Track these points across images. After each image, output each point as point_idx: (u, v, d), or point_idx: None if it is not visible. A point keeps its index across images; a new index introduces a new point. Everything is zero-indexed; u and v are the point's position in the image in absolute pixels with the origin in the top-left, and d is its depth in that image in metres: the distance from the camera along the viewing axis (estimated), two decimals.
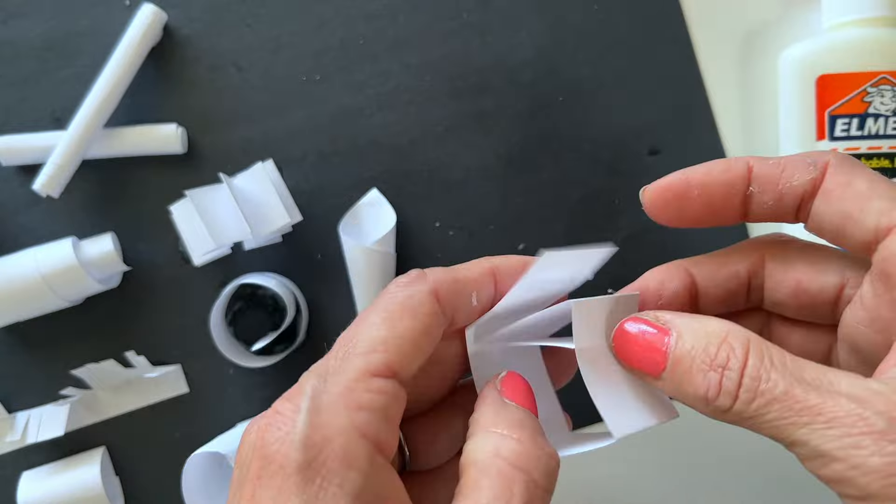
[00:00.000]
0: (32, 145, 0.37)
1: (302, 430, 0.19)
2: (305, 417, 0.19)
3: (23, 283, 0.35)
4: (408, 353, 0.21)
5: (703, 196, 0.24)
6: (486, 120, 0.38)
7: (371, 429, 0.20)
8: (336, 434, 0.19)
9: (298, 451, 0.19)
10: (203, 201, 0.35)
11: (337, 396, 0.20)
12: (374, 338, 0.21)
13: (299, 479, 0.19)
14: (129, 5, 0.38)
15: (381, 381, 0.20)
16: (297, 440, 0.19)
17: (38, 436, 0.36)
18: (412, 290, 0.22)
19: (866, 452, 0.18)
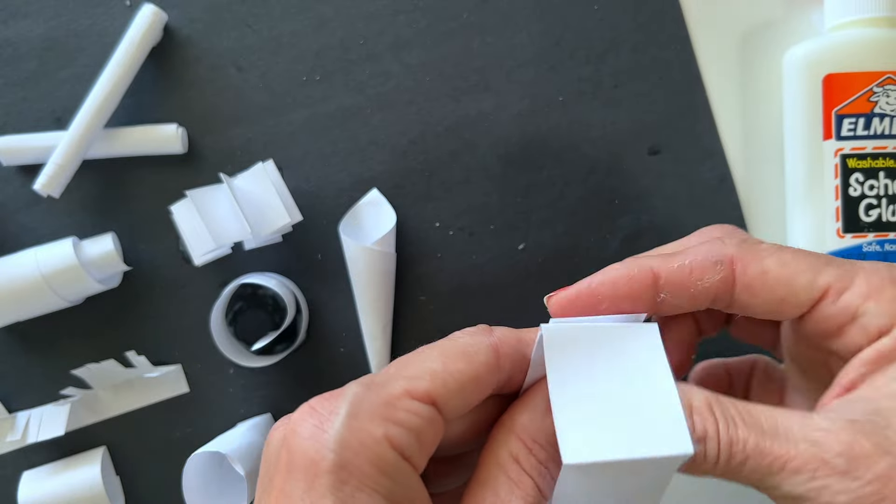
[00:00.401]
0: (33, 145, 0.37)
1: (339, 430, 0.19)
2: (344, 419, 0.20)
3: (23, 282, 0.35)
4: (452, 390, 0.22)
5: (611, 308, 0.24)
6: (486, 120, 0.38)
7: (403, 444, 0.20)
8: (372, 441, 0.20)
9: (334, 451, 0.19)
10: (203, 201, 0.35)
11: (376, 406, 0.20)
12: (424, 367, 0.22)
13: (333, 478, 0.19)
14: (130, 6, 0.38)
15: (419, 405, 0.21)
16: (334, 440, 0.19)
17: (39, 435, 0.36)
18: (474, 339, 0.23)
19: (833, 491, 0.20)
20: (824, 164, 0.35)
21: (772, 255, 0.23)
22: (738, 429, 0.21)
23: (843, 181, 0.35)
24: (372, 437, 0.20)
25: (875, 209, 0.35)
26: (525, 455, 0.22)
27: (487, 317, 0.38)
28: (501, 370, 0.23)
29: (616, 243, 0.38)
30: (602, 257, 0.38)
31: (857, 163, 0.35)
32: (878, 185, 0.35)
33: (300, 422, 0.20)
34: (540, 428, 0.22)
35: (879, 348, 0.22)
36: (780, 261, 0.23)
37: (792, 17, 0.37)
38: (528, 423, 0.22)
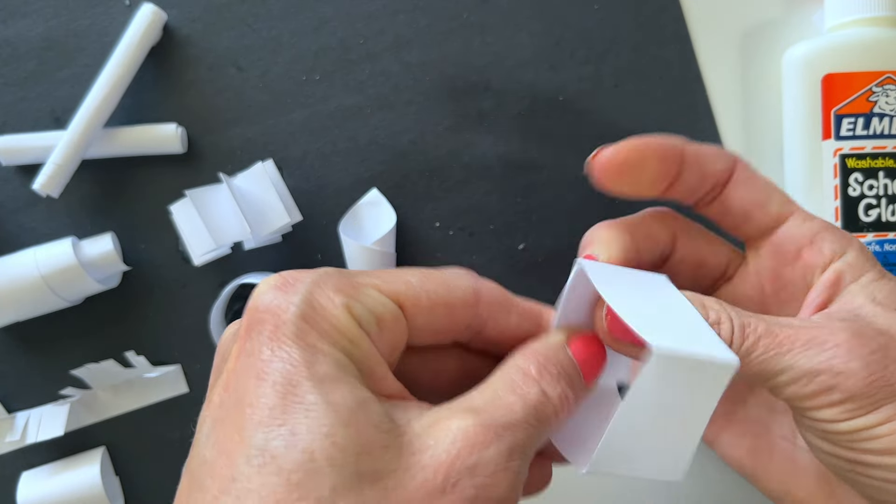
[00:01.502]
0: (32, 145, 0.37)
1: (302, 292, 0.20)
2: (308, 285, 0.20)
3: (22, 282, 0.35)
4: (422, 306, 0.22)
5: (653, 166, 0.26)
6: (486, 119, 0.38)
7: (363, 317, 0.20)
8: (332, 306, 0.20)
9: (297, 304, 0.19)
10: (203, 201, 0.35)
11: (341, 283, 0.21)
12: (400, 276, 0.22)
13: (296, 327, 0.19)
14: (129, 5, 0.38)
15: (385, 298, 0.21)
16: (298, 299, 0.20)
17: (38, 436, 0.36)
18: (458, 274, 0.24)
19: (845, 359, 0.22)
20: (823, 164, 0.35)
21: (762, 175, 0.27)
22: (748, 317, 0.23)
23: (843, 181, 0.35)
24: (332, 302, 0.20)
25: (874, 209, 0.35)
26: (537, 368, 0.22)
27: None
28: (477, 315, 0.24)
29: None
30: None
31: (856, 163, 0.35)
32: (877, 185, 0.35)
33: (263, 290, 0.20)
34: (553, 357, 0.22)
35: (837, 269, 0.25)
36: (766, 180, 0.27)
37: (792, 17, 0.37)
38: (541, 350, 0.22)
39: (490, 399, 0.21)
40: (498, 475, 0.19)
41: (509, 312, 0.25)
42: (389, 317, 0.21)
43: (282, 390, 0.19)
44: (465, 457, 0.19)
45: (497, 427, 0.20)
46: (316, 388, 0.18)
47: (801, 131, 0.35)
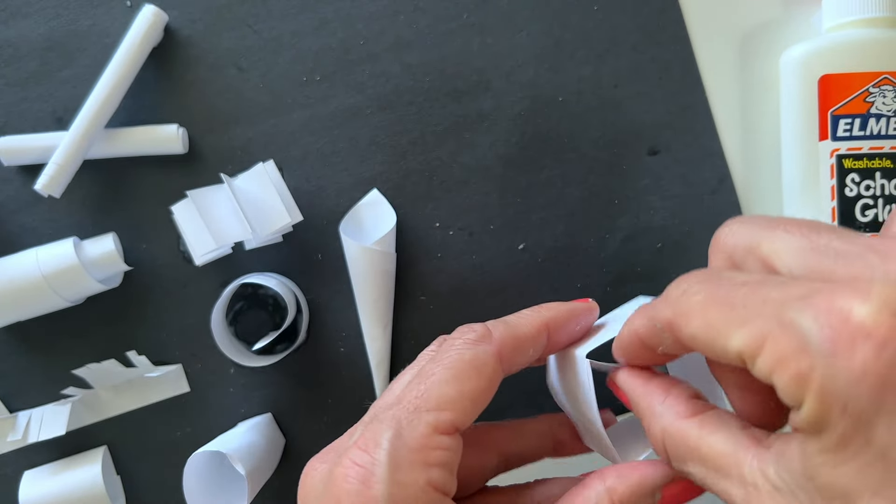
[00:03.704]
0: (34, 145, 0.37)
1: (386, 485, 0.21)
2: (387, 473, 0.21)
3: (24, 282, 0.35)
4: (469, 411, 0.23)
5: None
6: (485, 120, 0.38)
7: (441, 482, 0.22)
8: (418, 491, 0.21)
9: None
10: (204, 201, 0.35)
11: (413, 453, 0.22)
12: (443, 395, 0.23)
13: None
14: (131, 6, 0.38)
15: (448, 439, 0.23)
16: (382, 495, 0.21)
17: (40, 435, 0.36)
18: (479, 349, 0.25)
19: None
20: (820, 164, 0.35)
21: (698, 313, 0.20)
22: (686, 465, 0.22)
23: (839, 182, 0.35)
24: (417, 486, 0.21)
25: (871, 209, 0.35)
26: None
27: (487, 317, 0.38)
28: (504, 371, 0.25)
29: (616, 243, 0.38)
30: (601, 257, 0.38)
31: (853, 163, 0.35)
32: (874, 186, 0.35)
33: (345, 476, 0.22)
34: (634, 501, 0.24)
35: (795, 420, 0.18)
36: (705, 321, 0.20)
37: (791, 18, 0.38)
38: (626, 496, 0.23)
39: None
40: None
41: (526, 352, 0.26)
42: (457, 457, 0.23)
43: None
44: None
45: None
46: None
47: (797, 132, 0.36)
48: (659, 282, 0.38)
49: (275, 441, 0.37)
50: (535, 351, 0.26)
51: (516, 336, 0.26)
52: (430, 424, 0.23)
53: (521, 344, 0.26)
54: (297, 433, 0.39)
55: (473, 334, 0.25)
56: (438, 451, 0.22)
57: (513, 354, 0.25)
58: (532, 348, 0.26)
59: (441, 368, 0.24)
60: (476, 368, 0.24)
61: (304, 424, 0.39)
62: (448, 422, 0.23)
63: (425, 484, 0.22)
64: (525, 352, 0.26)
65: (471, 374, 0.24)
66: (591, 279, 0.38)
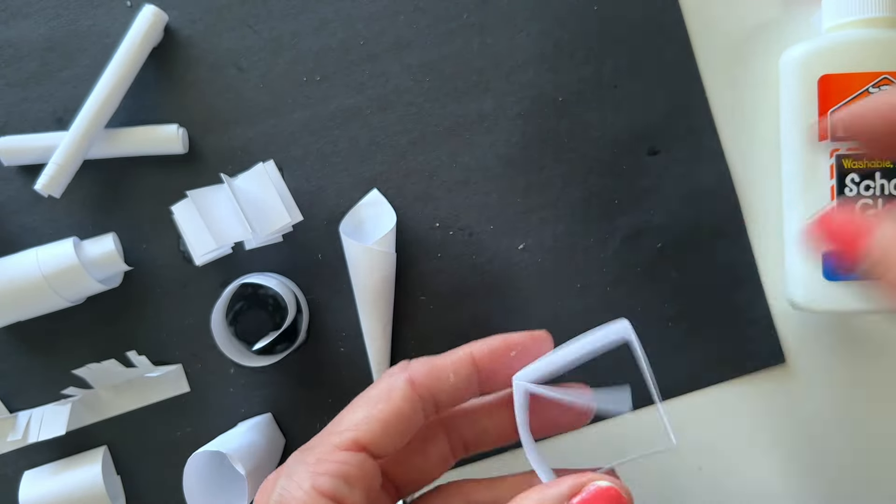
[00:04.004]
0: (34, 145, 0.37)
1: (278, 491, 0.25)
2: (282, 483, 0.25)
3: (24, 282, 0.35)
4: (378, 431, 0.26)
5: None
6: (485, 120, 0.38)
7: (329, 489, 0.24)
8: (300, 493, 0.24)
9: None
10: (204, 201, 0.35)
11: (308, 465, 0.25)
12: (351, 419, 0.26)
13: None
14: (131, 6, 0.38)
15: (348, 454, 0.25)
16: (273, 500, 0.25)
17: (40, 435, 0.37)
18: (392, 378, 0.27)
19: None
20: (820, 164, 0.35)
21: None
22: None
23: (839, 182, 0.35)
24: (301, 489, 0.24)
25: (871, 210, 0.35)
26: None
27: (487, 317, 0.38)
28: (422, 398, 0.27)
29: (616, 243, 0.38)
30: (601, 257, 0.38)
31: (852, 163, 0.35)
32: (874, 186, 0.35)
33: (261, 490, 0.26)
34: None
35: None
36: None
37: (791, 18, 0.38)
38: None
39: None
40: None
41: (446, 378, 0.28)
42: (358, 470, 0.25)
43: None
44: None
45: None
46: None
47: (797, 132, 0.36)
48: (659, 282, 0.38)
49: (275, 441, 0.38)
50: (459, 378, 0.28)
51: (433, 364, 0.28)
52: (331, 444, 0.26)
53: (438, 371, 0.28)
54: (297, 433, 0.39)
55: (395, 368, 0.28)
56: (332, 463, 0.25)
57: (430, 381, 0.27)
58: (452, 374, 0.28)
59: (358, 399, 0.27)
60: (384, 393, 0.27)
61: (304, 424, 0.39)
62: (349, 439, 0.25)
63: (309, 488, 0.24)
64: (444, 378, 0.28)
65: (379, 399, 0.26)
66: (590, 279, 0.38)
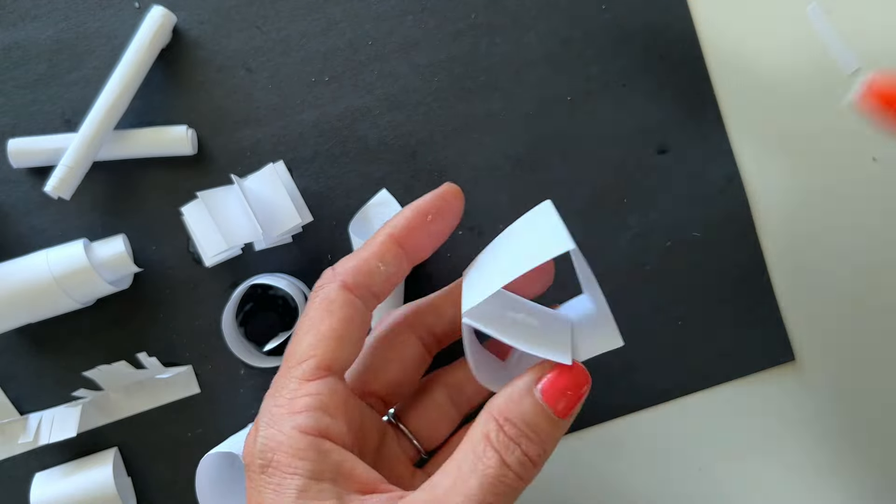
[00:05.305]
0: (43, 147, 0.37)
1: (260, 441, 0.24)
2: (263, 430, 0.24)
3: (35, 284, 0.35)
4: (335, 348, 0.25)
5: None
6: (494, 120, 0.38)
7: (311, 425, 0.24)
8: (283, 437, 0.24)
9: (258, 456, 0.24)
10: (214, 203, 0.35)
11: (282, 408, 0.25)
12: (304, 346, 0.25)
13: (263, 475, 0.24)
14: (139, 7, 0.38)
15: (314, 384, 0.25)
16: (257, 450, 0.24)
17: (51, 437, 0.37)
18: (324, 290, 0.26)
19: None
20: None
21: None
22: None
23: None
24: (284, 433, 0.24)
25: None
26: (495, 432, 0.24)
27: None
28: (363, 298, 0.26)
29: (624, 242, 0.38)
30: (610, 256, 0.38)
31: None
32: None
33: (245, 442, 0.25)
34: (514, 409, 0.24)
35: None
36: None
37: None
38: (502, 404, 0.24)
39: (451, 484, 0.23)
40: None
41: (376, 270, 0.27)
42: (331, 396, 0.25)
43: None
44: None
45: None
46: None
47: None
48: (668, 280, 0.38)
49: None
50: (388, 264, 0.27)
51: (359, 260, 0.27)
52: (296, 378, 0.25)
53: (366, 265, 0.27)
54: None
55: (320, 280, 0.27)
56: (303, 398, 0.24)
57: (362, 278, 0.26)
58: (381, 263, 0.27)
59: (300, 324, 0.26)
60: (325, 309, 0.26)
61: None
62: (311, 368, 0.25)
63: (290, 429, 0.24)
64: (375, 270, 0.27)
65: (322, 317, 0.25)
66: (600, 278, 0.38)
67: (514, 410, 0.24)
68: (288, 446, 0.24)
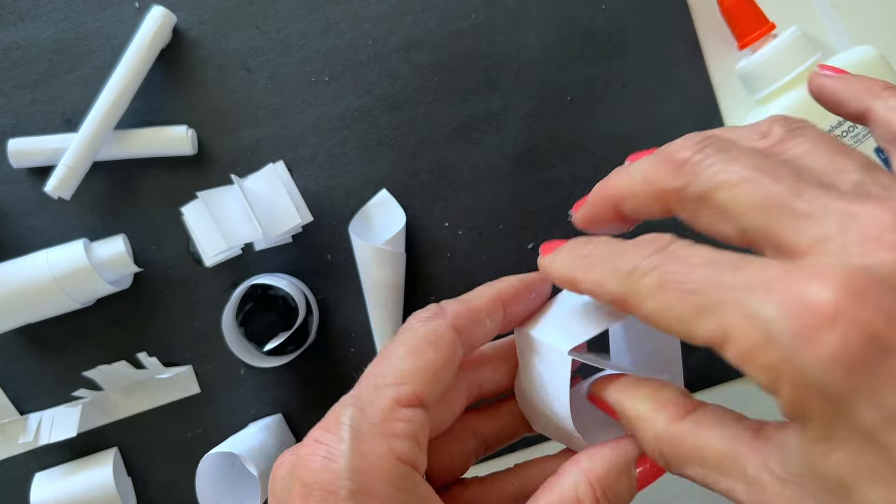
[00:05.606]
0: (43, 147, 0.37)
1: (349, 458, 0.21)
2: (349, 446, 0.21)
3: (35, 284, 0.35)
4: (431, 382, 0.23)
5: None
6: (494, 119, 0.38)
7: (407, 453, 0.22)
8: (381, 461, 0.21)
9: (347, 478, 0.21)
10: (214, 202, 0.35)
11: (375, 426, 0.22)
12: (401, 370, 0.23)
13: (350, 502, 0.20)
14: (139, 7, 0.38)
15: (411, 411, 0.22)
16: (345, 468, 0.21)
17: (51, 437, 0.37)
18: (434, 324, 0.25)
19: None
20: None
21: (653, 296, 0.20)
22: (686, 469, 0.21)
23: None
24: (380, 457, 0.21)
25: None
26: (590, 500, 0.23)
27: None
28: (464, 344, 0.25)
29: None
30: None
31: None
32: None
33: (309, 455, 0.22)
34: (613, 484, 0.23)
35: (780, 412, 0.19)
36: (661, 304, 0.20)
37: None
38: (602, 474, 0.23)
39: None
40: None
41: (482, 323, 0.26)
42: (422, 427, 0.23)
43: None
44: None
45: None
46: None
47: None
48: None
49: (285, 442, 0.38)
50: (493, 322, 0.26)
51: (470, 308, 0.26)
52: (390, 398, 0.23)
53: (476, 314, 0.25)
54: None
55: (427, 313, 0.25)
56: (401, 422, 0.22)
57: (469, 325, 0.25)
58: (488, 318, 0.26)
59: (397, 346, 0.24)
60: (432, 342, 0.24)
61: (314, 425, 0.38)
62: (409, 394, 0.23)
63: (388, 453, 0.21)
64: (481, 322, 0.26)
65: (427, 348, 0.24)
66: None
67: (612, 486, 0.23)
68: (389, 472, 0.21)
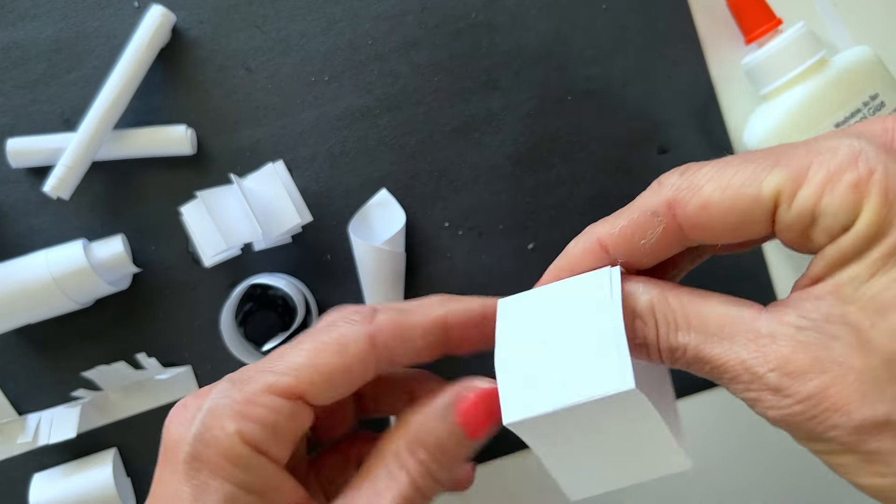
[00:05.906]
0: (42, 147, 0.37)
1: (197, 426, 0.22)
2: (203, 416, 0.22)
3: (33, 285, 0.35)
4: (320, 383, 0.23)
5: None
6: (494, 119, 0.38)
7: (255, 437, 0.22)
8: (225, 436, 0.22)
9: (190, 444, 0.22)
10: (213, 202, 0.35)
11: (234, 403, 0.23)
12: (294, 363, 0.23)
13: (188, 467, 0.22)
14: (138, 7, 0.38)
15: (279, 401, 0.23)
16: (192, 434, 0.22)
17: (50, 437, 0.36)
18: (350, 329, 0.24)
19: (764, 406, 0.20)
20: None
21: (711, 179, 0.20)
22: (678, 334, 0.21)
23: None
24: (224, 432, 0.22)
25: None
26: (406, 454, 0.23)
27: None
28: (379, 358, 0.24)
29: None
30: None
31: None
32: None
33: (173, 416, 0.24)
34: (428, 430, 0.23)
35: (840, 246, 0.19)
36: (720, 184, 0.20)
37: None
38: (416, 425, 0.24)
39: (366, 501, 0.23)
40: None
41: (412, 341, 0.25)
42: (287, 420, 0.23)
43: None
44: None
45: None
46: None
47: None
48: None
49: None
50: (427, 343, 0.25)
51: (402, 325, 0.24)
52: (265, 383, 0.23)
53: (407, 333, 0.24)
54: None
55: (357, 315, 0.25)
56: (261, 408, 0.22)
57: (392, 342, 0.24)
58: (421, 339, 0.24)
59: (308, 339, 0.24)
60: (339, 345, 0.23)
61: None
62: (285, 385, 0.23)
63: (233, 433, 0.22)
64: (411, 342, 0.24)
65: (331, 350, 0.23)
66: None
67: (425, 433, 0.23)
68: (228, 449, 0.22)
